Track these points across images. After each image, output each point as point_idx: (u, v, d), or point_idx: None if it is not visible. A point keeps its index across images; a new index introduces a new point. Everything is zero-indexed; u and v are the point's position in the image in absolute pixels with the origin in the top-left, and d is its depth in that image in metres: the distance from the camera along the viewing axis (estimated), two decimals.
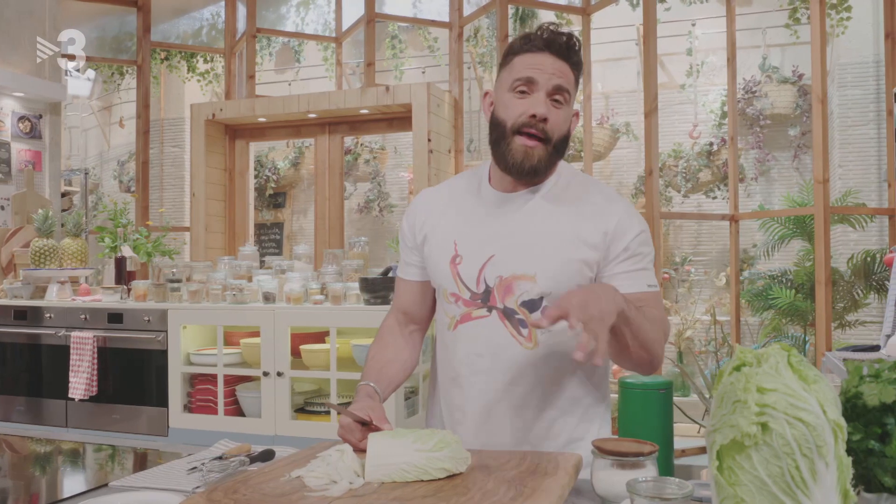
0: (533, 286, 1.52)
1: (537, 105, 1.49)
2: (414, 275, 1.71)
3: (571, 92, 1.53)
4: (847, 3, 4.82)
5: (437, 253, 1.62)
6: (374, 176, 7.83)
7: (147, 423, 3.92)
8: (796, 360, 0.88)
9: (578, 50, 1.55)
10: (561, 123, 1.52)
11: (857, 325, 4.93)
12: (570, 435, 1.61)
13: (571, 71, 1.53)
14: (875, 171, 5.87)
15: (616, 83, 6.84)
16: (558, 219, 1.55)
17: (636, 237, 1.53)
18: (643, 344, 1.46)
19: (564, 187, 1.58)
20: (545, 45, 1.51)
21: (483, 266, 1.55)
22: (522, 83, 1.51)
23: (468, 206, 1.62)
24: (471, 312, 1.57)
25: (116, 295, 4.10)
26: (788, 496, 0.83)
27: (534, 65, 1.50)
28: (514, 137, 1.51)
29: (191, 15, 6.61)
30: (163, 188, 7.88)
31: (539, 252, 1.52)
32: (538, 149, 1.50)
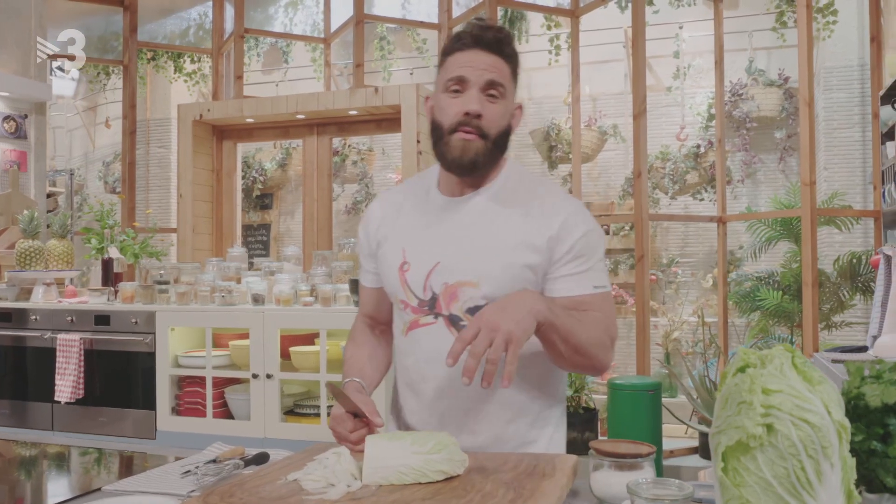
0: (476, 292, 1.51)
1: (470, 102, 1.48)
2: (372, 281, 1.72)
3: (507, 85, 1.51)
4: (833, 8, 4.86)
5: (388, 260, 1.61)
6: (361, 177, 7.81)
7: (134, 426, 3.88)
8: (800, 361, 0.88)
9: (510, 42, 1.53)
10: (498, 118, 1.50)
11: (843, 326, 4.97)
12: (523, 438, 1.60)
13: (506, 64, 1.51)
14: (860, 173, 5.92)
15: (603, 85, 6.86)
16: (503, 222, 1.53)
17: (581, 238, 1.51)
18: (577, 349, 1.45)
19: (512, 188, 1.57)
20: (474, 41, 1.49)
21: (429, 273, 1.54)
22: (455, 82, 1.50)
23: (417, 212, 1.61)
24: (419, 319, 1.57)
25: (103, 297, 4.06)
26: (794, 497, 0.83)
27: (465, 63, 1.49)
28: (451, 136, 1.50)
29: (178, 15, 6.57)
30: (149, 189, 7.82)
31: (482, 258, 1.51)
32: (476, 142, 1.49)
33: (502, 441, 1.59)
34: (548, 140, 6.69)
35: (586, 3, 5.15)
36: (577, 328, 1.43)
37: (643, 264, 4.50)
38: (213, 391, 3.74)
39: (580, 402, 4.38)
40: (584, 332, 1.44)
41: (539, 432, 1.61)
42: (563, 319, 1.40)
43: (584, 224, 1.53)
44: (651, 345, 4.77)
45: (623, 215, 6.60)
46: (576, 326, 1.43)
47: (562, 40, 5.81)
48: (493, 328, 1.28)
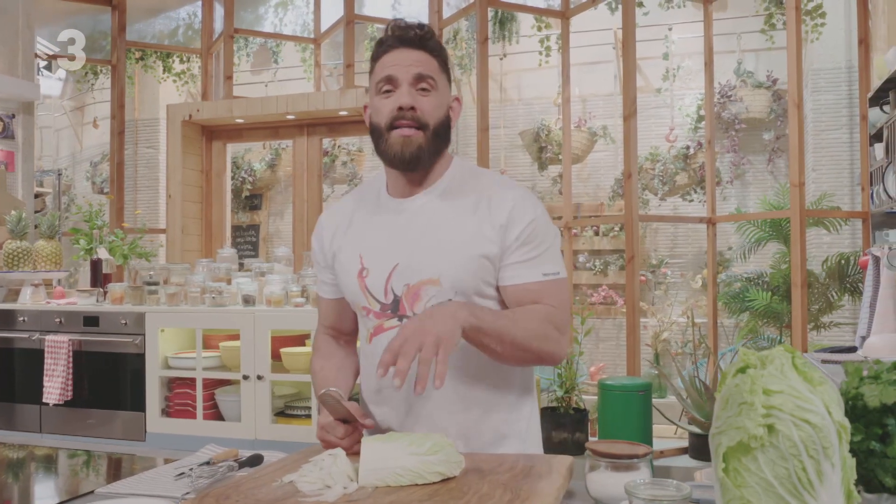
0: (439, 290, 1.51)
1: (403, 97, 1.49)
2: (330, 293, 1.71)
3: (436, 77, 1.53)
4: (821, 10, 4.89)
5: (346, 268, 1.60)
6: (351, 178, 7.79)
7: (124, 428, 3.86)
8: (801, 361, 0.89)
9: (433, 36, 1.55)
10: (433, 109, 1.52)
11: (831, 326, 5.00)
12: (496, 432, 1.60)
13: (432, 58, 1.53)
14: (847, 174, 5.96)
15: (593, 87, 6.88)
16: (456, 217, 1.54)
17: (529, 224, 1.52)
18: (515, 345, 1.45)
19: (460, 183, 1.58)
20: (397, 41, 1.52)
21: (389, 276, 1.54)
22: (384, 83, 1.52)
23: (370, 218, 1.61)
24: (382, 324, 1.57)
25: (92, 298, 4.03)
26: (795, 497, 0.83)
27: (391, 63, 1.52)
28: (389, 133, 1.51)
29: (167, 14, 6.53)
30: (137, 189, 7.77)
31: (440, 254, 1.52)
32: (415, 136, 1.50)
33: (478, 433, 1.58)
34: (537, 141, 6.69)
35: (577, 5, 5.16)
36: (509, 327, 1.44)
37: (633, 265, 4.51)
38: (203, 393, 3.72)
39: (570, 402, 4.39)
40: (519, 328, 1.45)
41: (514, 423, 1.62)
42: (489, 321, 1.41)
43: (532, 211, 1.54)
44: (640, 345, 4.79)
45: (613, 216, 6.61)
46: (508, 325, 1.44)
47: (552, 41, 5.81)
48: (421, 333, 1.30)
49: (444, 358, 1.29)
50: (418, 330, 1.31)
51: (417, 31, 1.52)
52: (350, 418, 1.48)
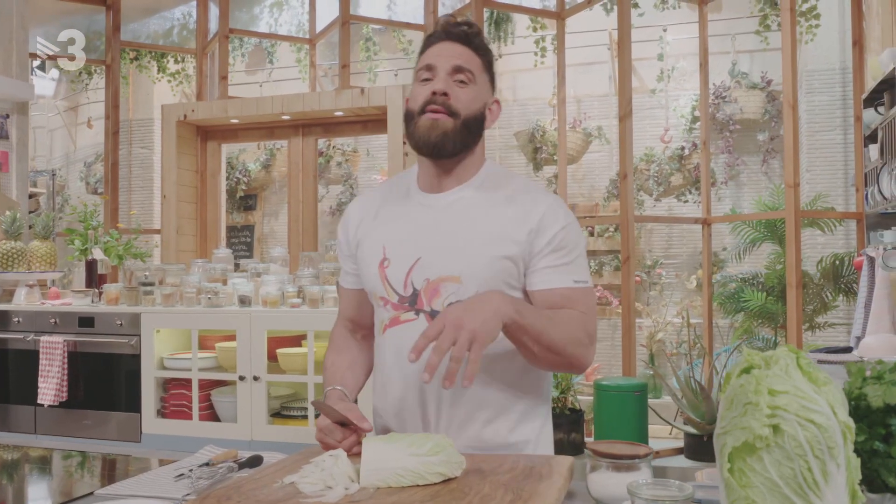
0: (459, 287, 1.51)
1: (438, 83, 1.51)
2: (353, 283, 1.72)
3: (476, 73, 1.54)
4: (816, 12, 4.91)
5: (368, 258, 1.61)
6: (346, 178, 7.79)
7: (119, 429, 3.84)
8: (805, 362, 0.89)
9: (480, 35, 1.58)
10: (468, 101, 1.52)
11: (825, 326, 5.02)
12: (507, 438, 1.58)
13: (476, 55, 1.55)
14: (841, 175, 5.99)
15: (588, 87, 6.89)
16: (483, 216, 1.54)
17: (560, 230, 1.52)
18: (550, 348, 1.44)
19: (492, 184, 1.58)
20: (444, 34, 1.55)
21: (410, 269, 1.54)
22: (424, 70, 1.54)
23: (397, 209, 1.61)
24: (399, 316, 1.56)
25: (87, 298, 4.02)
26: (800, 498, 0.83)
27: (434, 53, 1.55)
28: (420, 117, 1.51)
29: (161, 14, 6.52)
30: (131, 190, 7.75)
31: (464, 252, 1.51)
32: (444, 120, 1.49)
33: (488, 437, 1.57)
34: (533, 142, 6.70)
35: (572, 6, 5.17)
36: (548, 327, 1.43)
37: (629, 266, 4.51)
38: (199, 393, 3.71)
39: (566, 403, 4.39)
40: (556, 330, 1.44)
41: (527, 428, 1.60)
42: (531, 319, 1.39)
43: (564, 217, 1.54)
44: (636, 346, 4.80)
45: (608, 217, 6.62)
46: (547, 326, 1.43)
47: (547, 42, 5.82)
48: (458, 326, 1.28)
49: (475, 357, 1.27)
50: (456, 321, 1.29)
51: (465, 28, 1.56)
52: (347, 421, 1.48)
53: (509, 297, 1.39)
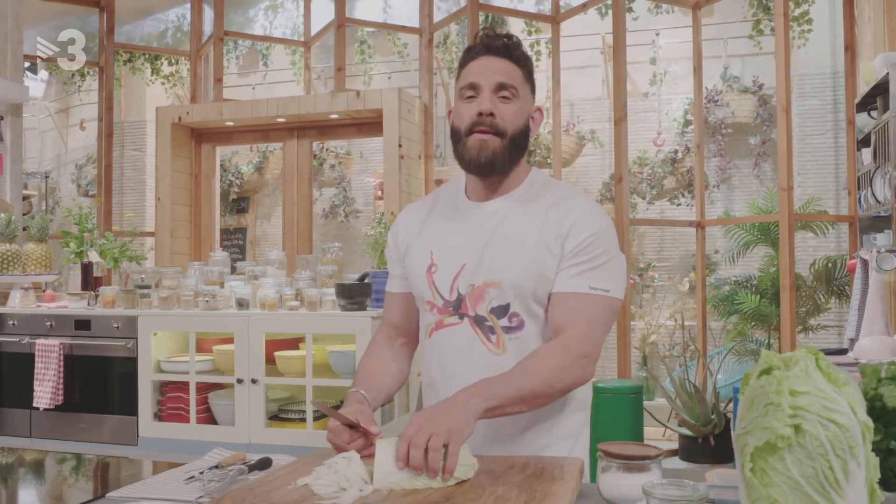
0: (499, 292, 1.55)
1: (483, 103, 1.54)
2: (400, 287, 1.75)
3: (519, 87, 1.57)
4: (808, 17, 4.95)
5: (416, 263, 1.65)
6: (339, 181, 7.78)
7: (116, 433, 3.83)
8: (825, 363, 0.90)
9: (519, 47, 1.59)
10: (512, 117, 1.56)
11: (818, 329, 5.06)
12: (545, 441, 1.61)
13: (517, 67, 1.57)
14: (833, 178, 6.03)
15: (581, 91, 6.91)
16: (524, 225, 1.58)
17: (589, 236, 1.54)
18: (536, 397, 1.48)
19: (536, 193, 1.62)
20: (484, 49, 1.57)
21: (457, 275, 1.59)
22: (468, 88, 1.57)
23: (446, 216, 1.66)
24: (443, 320, 1.61)
25: (83, 301, 4.00)
26: (822, 496, 0.85)
27: (476, 70, 1.57)
28: (468, 138, 1.56)
29: (155, 17, 6.50)
30: (123, 192, 7.71)
31: (506, 259, 1.56)
32: (492, 141, 1.54)
33: (525, 441, 1.61)
34: None
35: (567, 10, 5.19)
36: (525, 383, 1.45)
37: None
38: (196, 396, 3.70)
39: None
40: (535, 378, 1.46)
41: (563, 434, 1.63)
42: (504, 393, 1.43)
43: (596, 225, 1.56)
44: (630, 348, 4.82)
45: None
46: (523, 383, 1.45)
47: (542, 46, 5.85)
48: (433, 423, 1.33)
49: (454, 450, 1.31)
50: (429, 420, 1.34)
51: (505, 41, 1.58)
52: (355, 424, 1.49)
53: (475, 390, 1.42)
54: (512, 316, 1.56)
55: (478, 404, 1.39)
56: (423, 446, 1.30)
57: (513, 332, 1.56)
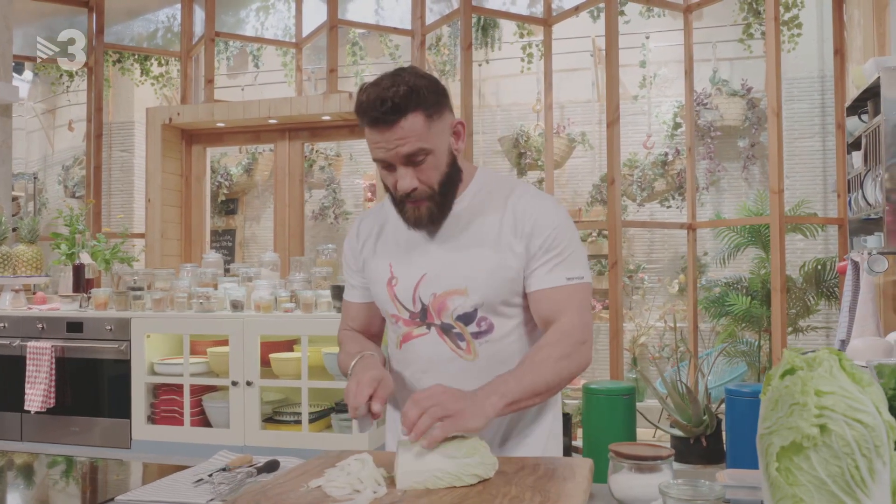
0: (465, 299, 1.56)
1: (400, 181, 1.50)
2: (360, 297, 1.75)
3: (425, 142, 1.47)
4: (798, 21, 5.00)
5: (376, 277, 1.65)
6: (329, 183, 7.76)
7: (108, 436, 3.80)
8: (848, 363, 0.92)
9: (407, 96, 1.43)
10: (432, 174, 1.51)
11: (808, 330, 5.10)
12: (521, 437, 1.65)
13: (417, 115, 1.45)
14: (821, 181, 6.09)
15: (571, 93, 6.93)
16: (481, 228, 1.58)
17: (552, 231, 1.55)
18: (551, 385, 1.50)
19: (486, 195, 1.61)
20: (371, 122, 1.46)
21: (416, 285, 1.59)
22: (379, 163, 1.52)
23: (401, 229, 1.64)
24: (412, 331, 1.62)
25: (75, 303, 3.97)
26: (848, 495, 0.86)
27: (376, 143, 1.48)
28: (402, 204, 1.55)
29: (145, 17, 6.45)
30: (111, 193, 7.65)
31: (467, 266, 1.56)
32: (424, 206, 1.53)
33: (502, 439, 1.64)
34: (517, 147, 6.73)
35: (559, 12, 5.21)
36: (536, 376, 1.47)
37: (616, 270, 4.56)
38: (190, 399, 3.68)
39: None
40: (545, 370, 1.49)
41: (538, 428, 1.67)
42: (519, 389, 1.45)
43: (556, 218, 1.58)
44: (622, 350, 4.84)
45: (592, 222, 6.67)
46: (535, 377, 1.47)
47: (534, 48, 5.87)
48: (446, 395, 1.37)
49: (445, 427, 1.33)
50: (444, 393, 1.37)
51: (389, 106, 1.42)
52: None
53: (488, 388, 1.43)
54: (480, 321, 1.57)
55: (496, 402, 1.41)
56: (422, 407, 1.33)
57: (482, 337, 1.58)
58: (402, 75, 1.47)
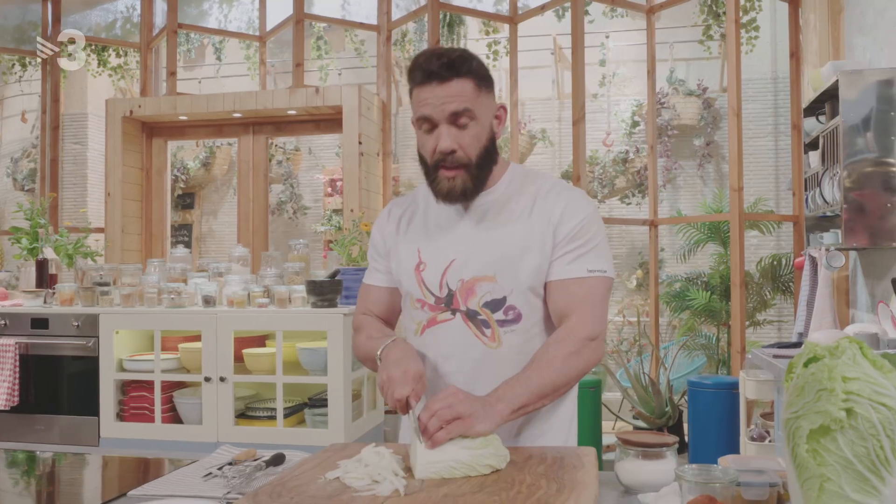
0: (494, 286, 1.58)
1: (441, 140, 1.51)
2: (384, 281, 1.75)
3: (473, 105, 1.51)
4: (756, 24, 5.16)
5: (403, 261, 1.66)
6: (286, 177, 7.72)
7: (76, 434, 3.73)
8: (869, 351, 0.98)
9: (462, 59, 1.51)
10: (473, 143, 1.54)
11: (765, 323, 5.28)
12: (539, 428, 1.66)
13: (467, 81, 1.50)
14: (773, 179, 6.30)
15: (531, 91, 7.02)
16: (511, 217, 1.60)
17: (579, 222, 1.57)
18: (558, 386, 1.52)
19: (517, 186, 1.64)
20: (425, 76, 1.50)
21: (445, 271, 1.60)
22: (422, 121, 1.54)
23: (430, 214, 1.67)
24: (436, 317, 1.62)
25: (39, 299, 3.88)
26: (873, 473, 0.92)
27: (424, 100, 1.51)
28: (436, 173, 1.56)
29: (103, 7, 6.31)
30: (63, 187, 7.47)
31: (496, 253, 1.58)
32: (458, 176, 1.54)
33: (520, 430, 1.65)
34: None
35: (525, 10, 5.28)
36: (543, 379, 1.49)
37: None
38: (161, 395, 3.64)
39: None
40: (551, 371, 1.50)
41: (555, 421, 1.68)
42: (525, 393, 1.46)
43: (584, 209, 1.60)
44: None
45: None
46: (542, 380, 1.48)
47: (500, 46, 5.92)
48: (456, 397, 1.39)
49: (451, 431, 1.35)
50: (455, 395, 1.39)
51: (445, 61, 1.49)
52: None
53: (494, 396, 1.45)
54: (508, 309, 1.58)
55: (503, 410, 1.42)
56: (433, 410, 1.36)
57: (508, 325, 1.59)
58: (458, 48, 1.56)
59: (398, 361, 1.49)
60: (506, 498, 1.24)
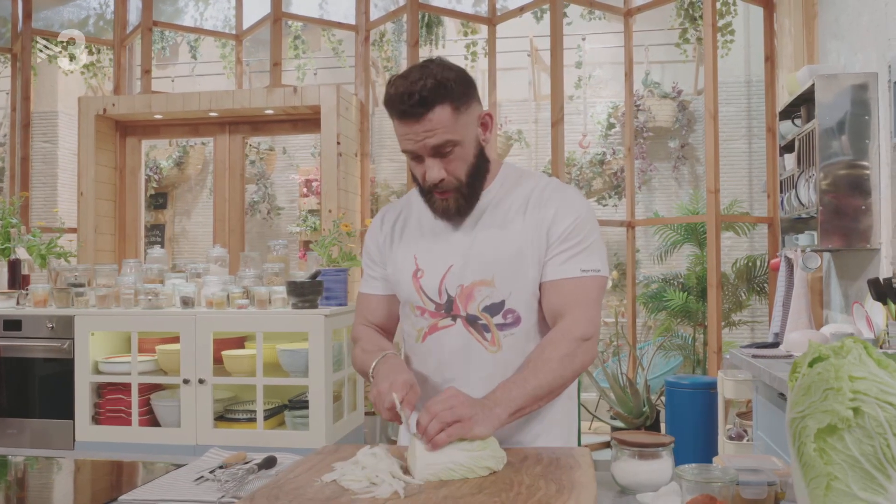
0: (493, 290, 1.58)
1: (429, 172, 1.52)
2: (379, 288, 1.74)
3: (453, 135, 1.50)
4: (731, 28, 5.22)
5: (400, 269, 1.65)
6: (259, 178, 7.65)
7: (50, 437, 3.66)
8: (874, 351, 0.99)
9: (435, 90, 1.46)
10: (460, 165, 1.53)
11: (740, 324, 5.34)
12: (540, 429, 1.66)
13: (445, 107, 1.47)
14: (746, 182, 6.38)
15: (508, 92, 7.04)
16: (505, 220, 1.60)
17: (572, 222, 1.58)
18: (553, 387, 1.52)
19: (510, 188, 1.64)
20: (400, 115, 1.49)
21: (443, 277, 1.60)
22: (407, 153, 1.54)
23: (425, 219, 1.66)
24: (437, 323, 1.62)
25: (11, 301, 3.80)
26: (880, 472, 0.93)
27: (404, 135, 1.51)
28: (430, 194, 1.57)
29: (76, 3, 6.20)
30: (32, 186, 7.33)
31: (493, 256, 1.58)
32: (452, 196, 1.55)
33: (522, 431, 1.65)
34: None
35: (504, 12, 5.29)
36: (539, 381, 1.49)
37: None
38: (138, 398, 3.59)
39: None
40: (546, 373, 1.50)
41: (556, 421, 1.68)
42: (522, 395, 1.47)
43: (578, 209, 1.61)
44: None
45: None
46: (538, 382, 1.49)
47: (478, 47, 5.93)
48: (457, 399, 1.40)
49: (452, 434, 1.36)
50: (456, 397, 1.40)
51: (416, 99, 1.45)
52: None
53: (492, 400, 1.45)
54: (507, 313, 1.58)
55: (500, 414, 1.43)
56: (433, 412, 1.36)
57: (508, 329, 1.59)
58: (430, 67, 1.49)
59: (387, 375, 1.50)
60: (506, 499, 1.24)
